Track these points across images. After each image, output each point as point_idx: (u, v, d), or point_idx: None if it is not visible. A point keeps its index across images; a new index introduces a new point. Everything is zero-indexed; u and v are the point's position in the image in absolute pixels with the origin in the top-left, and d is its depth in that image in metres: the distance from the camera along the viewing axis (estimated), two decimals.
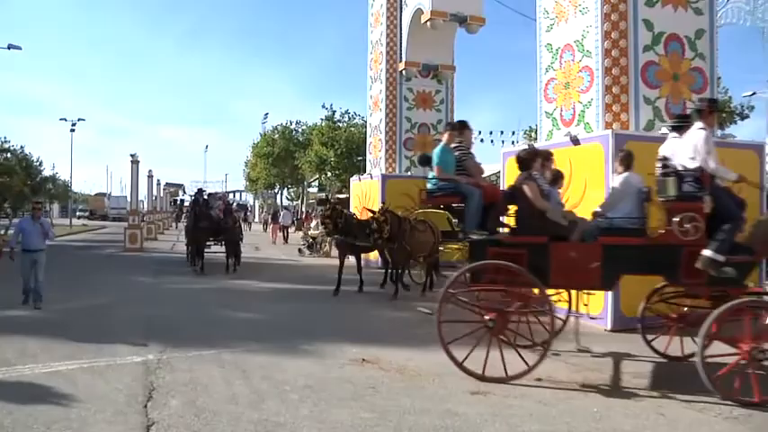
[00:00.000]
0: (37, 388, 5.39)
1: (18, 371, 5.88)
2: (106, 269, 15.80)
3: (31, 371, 5.88)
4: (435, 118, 17.96)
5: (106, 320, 8.53)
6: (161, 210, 42.29)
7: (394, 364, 6.37)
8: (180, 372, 5.94)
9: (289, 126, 44.74)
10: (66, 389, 5.34)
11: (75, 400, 5.05)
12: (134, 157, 24.95)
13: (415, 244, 11.06)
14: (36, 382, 5.56)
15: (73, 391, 5.30)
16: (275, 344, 7.22)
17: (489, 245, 6.01)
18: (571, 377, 5.93)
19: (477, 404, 5.16)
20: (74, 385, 5.45)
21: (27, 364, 6.07)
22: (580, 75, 9.15)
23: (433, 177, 6.80)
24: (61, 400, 5.07)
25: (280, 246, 25.89)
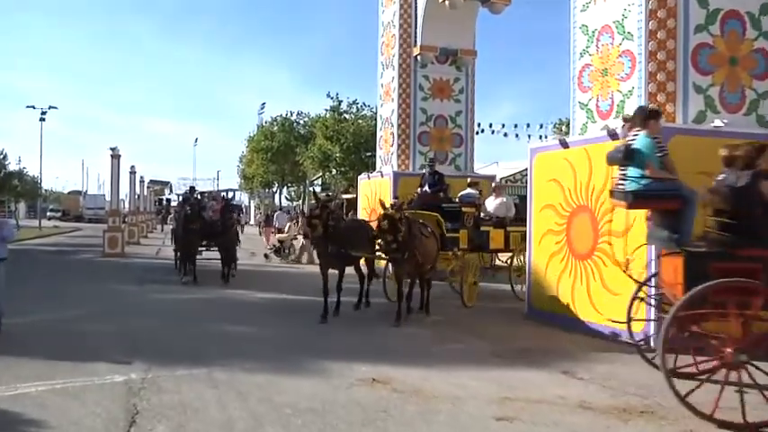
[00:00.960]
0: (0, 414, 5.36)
1: None
2: (82, 277, 15.90)
3: None
4: (454, 109, 17.97)
5: (82, 335, 8.55)
6: (145, 210, 42.50)
7: (408, 384, 6.37)
8: (167, 393, 5.95)
9: (289, 117, 44.93)
10: (36, 414, 5.32)
11: (46, 427, 5.05)
12: (114, 151, 25.10)
13: (423, 253, 10.13)
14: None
15: (43, 416, 5.27)
16: (274, 361, 7.23)
17: (715, 259, 5.76)
18: (609, 403, 5.90)
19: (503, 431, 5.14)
20: (44, 409, 5.43)
21: None
22: (620, 60, 9.11)
23: (641, 176, 6.56)
24: (29, 428, 5.06)
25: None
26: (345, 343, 8.46)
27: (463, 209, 12.27)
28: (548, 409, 5.71)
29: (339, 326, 9.57)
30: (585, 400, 5.92)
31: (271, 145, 44.04)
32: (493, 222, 12.93)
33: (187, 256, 15.10)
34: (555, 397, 6.04)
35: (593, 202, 9.19)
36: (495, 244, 12.74)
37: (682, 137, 8.18)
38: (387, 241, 9.52)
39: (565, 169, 9.84)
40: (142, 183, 43.08)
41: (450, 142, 17.89)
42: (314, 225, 9.64)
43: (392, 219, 9.36)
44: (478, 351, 8.10)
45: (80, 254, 23.84)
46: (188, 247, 15.06)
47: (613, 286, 8.64)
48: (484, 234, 12.52)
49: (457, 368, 7.07)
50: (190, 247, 15.00)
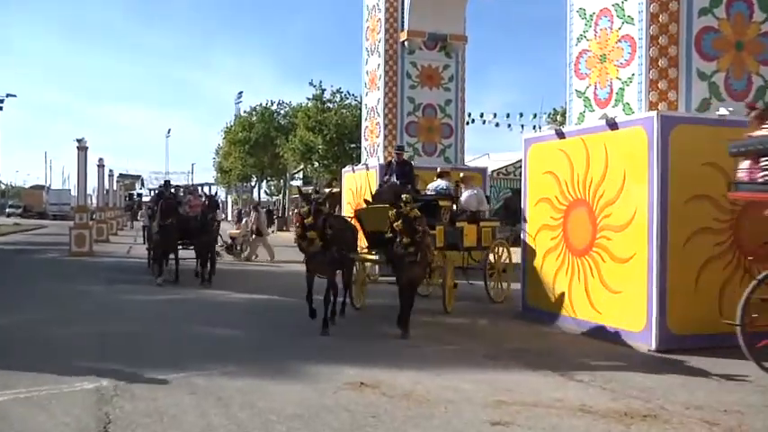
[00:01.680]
0: None
1: None
2: (47, 278, 15.73)
3: None
4: (443, 98, 17.98)
5: (48, 340, 8.46)
6: (114, 206, 42.20)
7: (398, 388, 6.38)
8: (142, 400, 5.90)
9: (269, 107, 44.81)
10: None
11: None
12: (81, 142, 24.79)
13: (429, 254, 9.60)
14: None
15: (4, 428, 5.21)
16: (257, 365, 7.21)
17: None
18: (610, 406, 5.94)
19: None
20: (4, 420, 5.36)
21: None
22: (619, 45, 9.16)
23: None
24: None
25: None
26: (331, 345, 8.44)
27: (440, 203, 11.63)
28: (545, 412, 5.73)
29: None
30: (585, 404, 5.95)
31: (249, 136, 43.93)
32: (466, 217, 12.25)
33: (163, 254, 14.71)
34: (552, 400, 6.07)
35: (591, 195, 9.24)
36: (469, 241, 12.01)
37: (684, 126, 8.25)
38: (403, 243, 8.75)
39: (561, 161, 9.89)
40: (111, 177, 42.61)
41: (439, 133, 17.91)
42: (310, 239, 8.69)
43: (408, 218, 8.68)
44: (471, 352, 8.13)
45: (44, 253, 23.61)
46: (164, 245, 14.59)
47: (613, 284, 8.72)
48: (458, 230, 11.74)
49: (449, 370, 7.09)
50: (165, 246, 14.58)
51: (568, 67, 10.16)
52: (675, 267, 8.13)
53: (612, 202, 8.81)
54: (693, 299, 8.18)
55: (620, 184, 8.72)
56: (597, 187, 9.12)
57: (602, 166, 9.02)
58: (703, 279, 8.24)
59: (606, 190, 8.94)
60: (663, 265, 8.09)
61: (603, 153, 9.01)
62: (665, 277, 8.09)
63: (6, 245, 27.96)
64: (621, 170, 8.72)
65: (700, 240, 8.25)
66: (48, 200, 72.76)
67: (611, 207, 8.83)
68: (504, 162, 28.81)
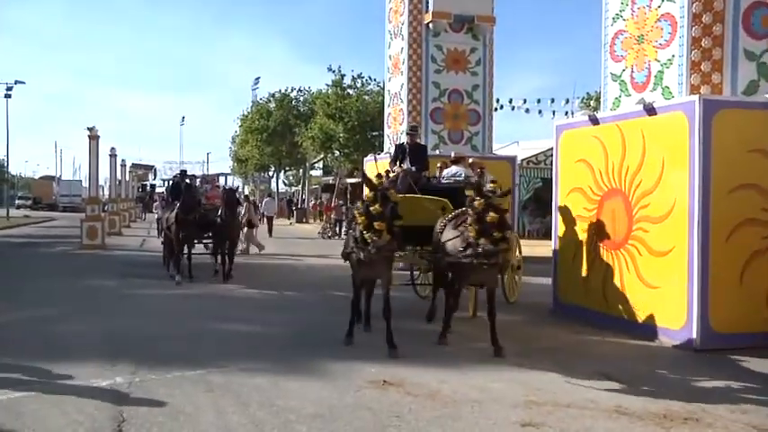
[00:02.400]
0: None
1: None
2: (58, 272, 15.96)
3: None
4: (470, 83, 17.95)
5: (60, 336, 8.61)
6: (127, 197, 42.62)
7: (423, 387, 6.41)
8: (157, 398, 5.98)
9: (288, 94, 44.91)
10: (9, 423, 5.35)
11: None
12: (92, 131, 25.03)
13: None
14: None
15: (17, 425, 5.31)
16: (276, 362, 7.28)
17: None
18: (647, 408, 5.91)
19: None
20: (18, 418, 5.47)
21: None
22: (658, 25, 9.05)
23: None
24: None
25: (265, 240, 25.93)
26: (352, 342, 8.44)
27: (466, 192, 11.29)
28: (578, 413, 5.72)
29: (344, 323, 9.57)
30: (620, 405, 5.93)
31: (267, 124, 44.07)
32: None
33: (180, 251, 14.17)
34: (585, 401, 6.05)
35: (627, 184, 9.16)
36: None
37: (729, 111, 8.14)
38: (494, 240, 7.72)
39: (595, 148, 9.82)
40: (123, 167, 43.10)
41: (465, 119, 17.88)
42: (378, 230, 7.68)
43: (498, 209, 7.82)
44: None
45: (55, 246, 23.93)
46: (184, 241, 14.04)
47: (650, 278, 8.64)
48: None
49: (476, 369, 7.11)
50: (186, 241, 14.07)
51: (603, 49, 10.07)
52: (718, 261, 8.02)
53: (650, 192, 8.72)
54: (738, 295, 8.08)
55: (659, 172, 8.63)
56: (634, 176, 9.04)
57: (638, 154, 8.93)
58: (749, 274, 8.14)
59: (643, 179, 8.86)
60: (704, 258, 7.99)
61: (641, 140, 8.91)
62: (707, 272, 7.99)
63: (16, 237, 28.40)
64: (660, 158, 8.62)
65: (745, 233, 8.13)
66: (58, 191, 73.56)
67: (648, 197, 8.75)
68: (534, 150, 28.62)
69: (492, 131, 18.62)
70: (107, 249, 22.14)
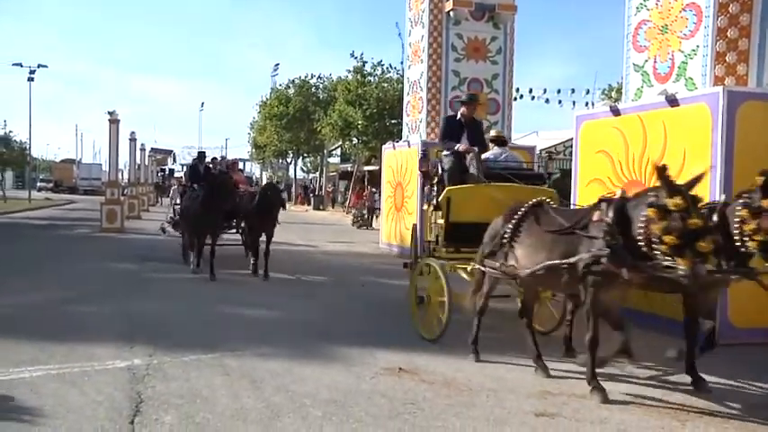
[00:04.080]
0: None
1: None
2: (77, 254, 16.13)
3: None
4: (490, 72, 17.83)
5: (79, 317, 8.72)
6: (146, 182, 42.93)
7: (438, 375, 6.43)
8: (174, 380, 6.06)
9: (307, 81, 44.90)
10: (31, 401, 5.44)
11: (42, 415, 5.15)
12: (112, 114, 25.21)
13: None
14: None
15: (38, 403, 5.39)
16: (291, 347, 7.34)
17: None
18: (663, 400, 5.89)
19: (543, 429, 5.16)
20: (40, 397, 5.55)
21: None
22: (683, 15, 8.94)
23: None
24: (24, 415, 5.15)
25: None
26: (368, 328, 8.53)
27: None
28: (593, 404, 5.71)
29: (360, 310, 9.63)
30: (636, 397, 5.91)
31: (285, 111, 44.10)
32: None
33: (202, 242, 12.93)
34: None
35: (648, 176, 9.08)
36: None
37: (755, 102, 8.01)
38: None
39: (615, 139, 9.73)
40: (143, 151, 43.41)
41: (485, 109, 17.76)
42: (702, 252, 5.10)
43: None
44: (517, 340, 8.07)
45: (74, 229, 24.19)
46: (209, 230, 12.77)
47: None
48: None
49: (492, 358, 7.10)
50: (212, 232, 12.83)
51: (626, 39, 9.97)
52: None
53: None
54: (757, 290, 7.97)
55: (680, 165, 8.51)
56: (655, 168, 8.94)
57: (660, 146, 8.85)
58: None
59: None
60: None
61: (662, 131, 8.82)
62: None
63: (36, 219, 28.72)
64: (681, 150, 8.53)
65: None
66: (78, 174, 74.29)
67: None
68: (553, 140, 28.45)
69: (511, 121, 18.50)
70: (126, 233, 22.34)
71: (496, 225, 7.04)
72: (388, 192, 19.47)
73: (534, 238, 6.52)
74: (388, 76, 33.99)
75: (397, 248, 18.04)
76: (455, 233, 8.26)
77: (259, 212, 12.65)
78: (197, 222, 12.85)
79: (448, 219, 8.19)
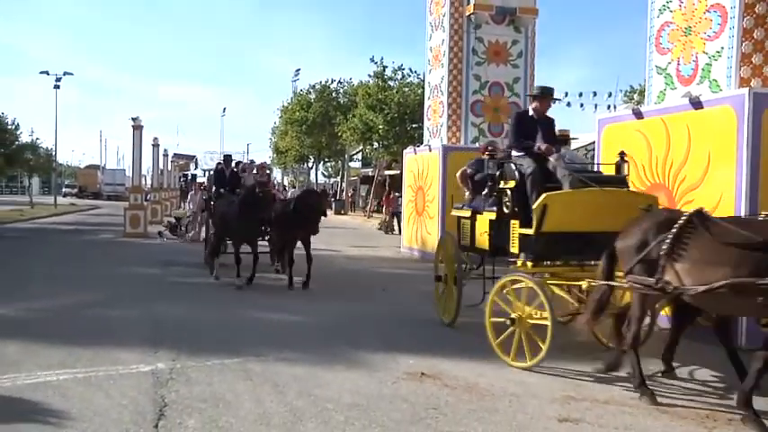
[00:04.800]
0: (20, 403, 5.57)
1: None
2: (102, 258, 16.33)
3: (11, 382, 6.08)
4: (511, 75, 17.77)
5: (104, 322, 8.82)
6: (168, 187, 43.25)
7: (460, 379, 6.41)
8: (197, 384, 6.10)
9: (328, 85, 45.04)
10: (58, 404, 5.52)
11: (69, 418, 5.22)
12: (136, 121, 25.48)
13: None
14: (19, 395, 5.75)
15: (65, 406, 5.47)
16: (313, 352, 7.35)
17: None
18: (689, 407, 5.82)
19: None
20: (66, 400, 5.63)
21: (7, 374, 6.28)
22: (707, 16, 8.85)
23: None
24: (51, 418, 5.22)
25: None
26: (390, 333, 8.52)
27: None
28: (617, 410, 5.66)
29: (382, 315, 9.62)
30: (662, 403, 5.84)
31: (306, 116, 44.23)
32: None
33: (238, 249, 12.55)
34: (625, 398, 5.99)
35: (671, 179, 9.00)
36: None
37: None
38: None
39: (638, 143, 9.65)
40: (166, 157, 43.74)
41: (506, 112, 17.67)
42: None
43: None
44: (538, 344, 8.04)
45: (99, 234, 24.47)
46: (251, 239, 12.44)
47: None
48: None
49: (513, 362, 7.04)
50: (253, 240, 12.46)
51: (648, 41, 9.89)
52: None
53: (695, 188, 8.55)
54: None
55: (704, 168, 8.45)
56: (678, 171, 8.87)
57: (684, 149, 8.77)
58: None
59: (688, 174, 8.68)
60: None
61: (686, 134, 8.74)
62: None
63: (62, 224, 29.07)
64: (706, 153, 8.44)
65: None
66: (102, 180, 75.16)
67: (693, 193, 8.57)
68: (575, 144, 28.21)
69: None
70: (149, 237, 22.54)
71: (638, 236, 6.11)
72: (409, 196, 19.47)
73: (707, 251, 5.65)
74: (408, 81, 34.02)
75: (419, 252, 18.03)
76: (547, 244, 7.28)
77: (296, 220, 11.92)
78: (237, 230, 12.45)
79: (540, 228, 7.14)
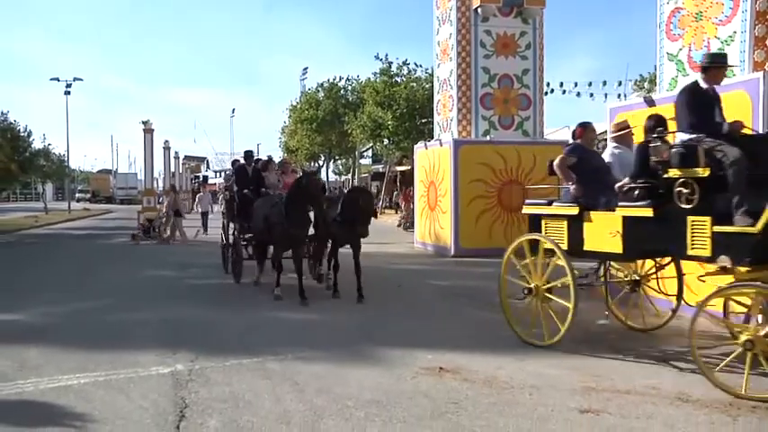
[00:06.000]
0: (43, 407, 5.62)
1: (19, 387, 6.13)
2: (117, 262, 16.42)
3: (34, 386, 6.13)
4: (520, 67, 17.70)
5: (122, 324, 8.88)
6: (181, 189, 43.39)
7: (480, 373, 6.39)
8: (217, 385, 6.11)
9: (336, 83, 45.06)
10: (80, 407, 5.55)
11: (92, 421, 5.25)
12: (147, 124, 25.67)
13: None
14: (41, 399, 5.80)
15: (88, 409, 5.50)
16: (332, 350, 7.35)
17: None
18: (712, 395, 5.74)
19: (589, 426, 5.10)
20: (88, 403, 5.67)
21: (29, 379, 6.33)
22: (718, 1, 8.77)
23: None
24: (74, 422, 5.26)
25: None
26: (406, 329, 8.50)
27: None
28: (639, 400, 5.62)
29: (397, 310, 9.61)
30: (683, 392, 5.79)
31: (315, 114, 44.25)
32: None
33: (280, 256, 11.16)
34: (646, 387, 5.95)
35: None
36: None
37: None
38: None
39: None
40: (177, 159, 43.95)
41: (516, 104, 17.65)
42: None
43: None
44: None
45: (113, 238, 24.55)
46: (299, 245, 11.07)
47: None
48: None
49: (532, 355, 7.04)
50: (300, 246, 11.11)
51: (659, 28, 9.83)
52: None
53: None
54: None
55: None
56: None
57: None
58: None
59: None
60: None
61: None
62: None
63: (76, 230, 29.25)
64: None
65: None
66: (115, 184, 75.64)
67: None
68: None
69: (543, 116, 18.35)
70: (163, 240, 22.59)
71: None
72: (421, 191, 19.45)
73: None
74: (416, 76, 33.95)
75: (432, 247, 18.01)
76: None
77: (346, 222, 10.55)
78: (285, 236, 10.68)
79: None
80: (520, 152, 16.92)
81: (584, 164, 7.49)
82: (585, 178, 7.37)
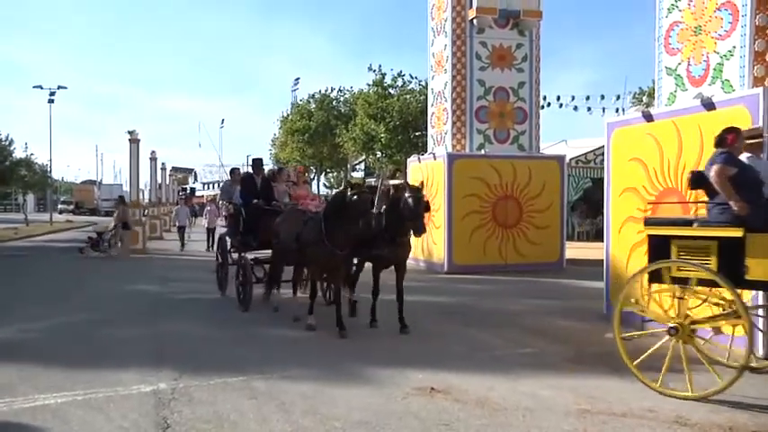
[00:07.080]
0: (17, 428, 5.54)
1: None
2: (100, 276, 16.32)
3: (8, 406, 6.04)
4: (516, 80, 17.77)
5: (103, 341, 8.78)
6: (167, 201, 43.31)
7: (471, 394, 6.36)
8: (201, 404, 6.06)
9: (328, 94, 45.19)
10: (57, 428, 5.49)
11: None
12: (133, 134, 25.55)
13: None
14: (16, 420, 5.71)
15: (65, 430, 5.45)
16: (319, 368, 7.30)
17: None
18: (711, 419, 5.75)
19: None
20: (65, 423, 5.60)
21: (2, 398, 6.24)
22: (717, 15, 8.85)
23: None
24: None
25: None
26: (398, 347, 8.47)
27: None
28: (635, 423, 5.61)
29: (389, 328, 9.56)
30: (681, 415, 5.79)
31: (307, 125, 44.36)
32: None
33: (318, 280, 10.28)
34: (643, 410, 5.94)
35: (684, 183, 8.95)
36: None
37: None
38: None
39: (649, 146, 9.63)
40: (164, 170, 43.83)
41: (511, 118, 17.71)
42: None
43: None
44: (551, 356, 8.00)
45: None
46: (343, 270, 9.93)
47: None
48: None
49: (526, 376, 7.02)
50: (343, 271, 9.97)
51: (657, 42, 9.88)
52: None
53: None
54: None
55: None
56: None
57: (696, 152, 8.72)
58: None
59: None
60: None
61: (698, 137, 8.70)
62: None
63: (58, 242, 29.12)
64: None
65: None
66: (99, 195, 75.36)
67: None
68: (583, 149, 28.21)
69: (539, 130, 18.39)
70: (148, 253, 22.53)
71: None
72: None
73: None
74: (409, 88, 34.10)
75: (425, 263, 17.98)
76: None
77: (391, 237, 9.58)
78: (326, 257, 9.22)
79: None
80: (515, 167, 16.98)
81: (744, 176, 6.51)
82: (746, 194, 6.35)
